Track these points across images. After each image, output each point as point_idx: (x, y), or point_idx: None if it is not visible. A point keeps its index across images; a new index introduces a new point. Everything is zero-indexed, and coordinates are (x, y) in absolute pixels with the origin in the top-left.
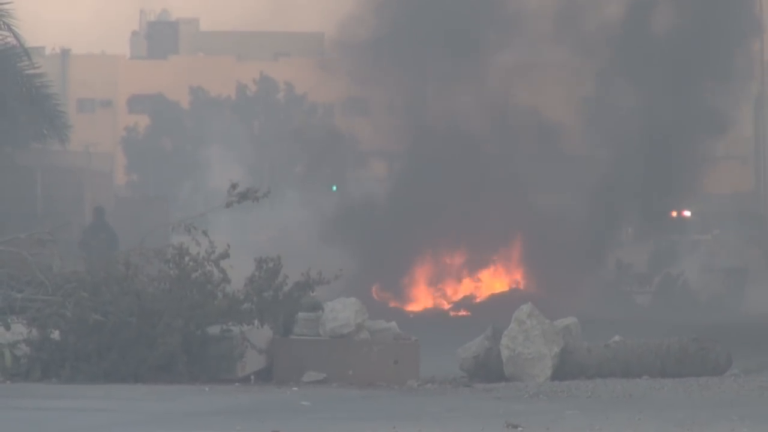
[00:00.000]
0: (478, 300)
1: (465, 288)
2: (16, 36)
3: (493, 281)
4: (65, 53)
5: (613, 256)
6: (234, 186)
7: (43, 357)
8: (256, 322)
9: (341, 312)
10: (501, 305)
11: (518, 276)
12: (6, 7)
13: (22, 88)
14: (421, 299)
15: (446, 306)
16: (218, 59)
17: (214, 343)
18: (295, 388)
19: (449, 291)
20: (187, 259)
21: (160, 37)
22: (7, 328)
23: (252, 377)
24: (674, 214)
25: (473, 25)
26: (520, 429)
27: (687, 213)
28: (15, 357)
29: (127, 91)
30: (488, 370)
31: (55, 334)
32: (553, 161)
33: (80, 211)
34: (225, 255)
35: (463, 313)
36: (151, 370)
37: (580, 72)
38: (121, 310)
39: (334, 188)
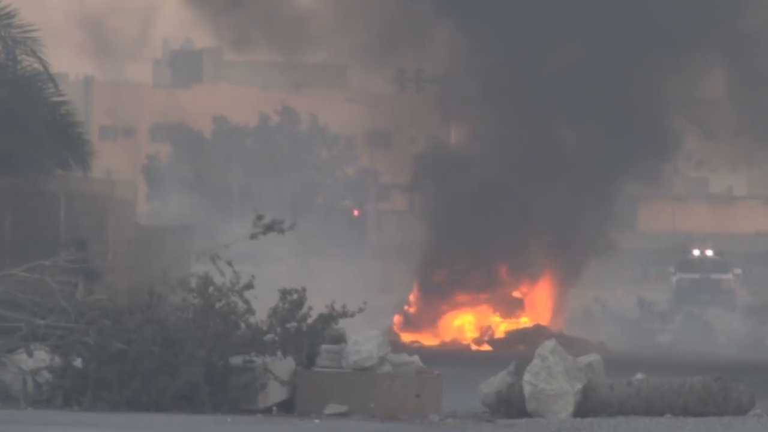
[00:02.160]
0: (500, 336)
1: (486, 322)
2: (42, 63)
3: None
4: (89, 80)
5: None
6: (259, 217)
7: (64, 384)
8: (279, 353)
9: (364, 345)
10: (523, 341)
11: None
12: (33, 34)
13: (47, 114)
14: (443, 333)
15: (468, 341)
16: (241, 89)
17: (237, 374)
18: (317, 420)
19: (471, 326)
20: (211, 288)
21: (183, 66)
22: (30, 354)
23: (274, 408)
24: (696, 252)
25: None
26: None
27: (709, 252)
28: (37, 384)
29: (150, 119)
30: (510, 406)
31: (78, 362)
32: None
33: (103, 238)
34: (249, 285)
35: (485, 348)
36: (173, 399)
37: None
38: (144, 339)
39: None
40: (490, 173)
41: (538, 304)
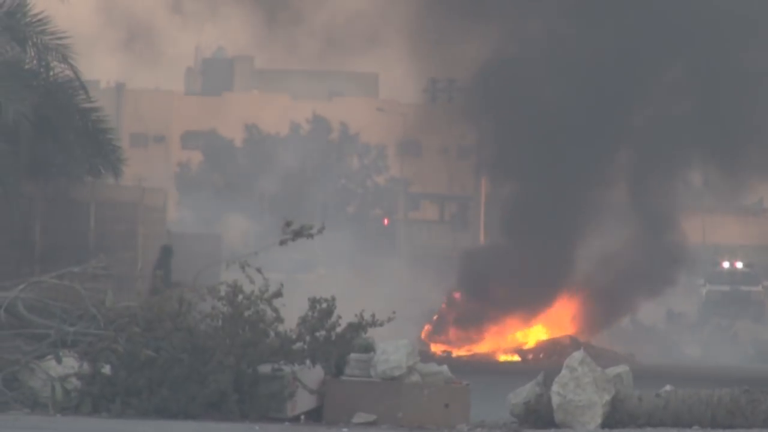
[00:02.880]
0: (529, 347)
1: (516, 333)
2: (73, 70)
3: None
4: (120, 87)
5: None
6: (288, 223)
7: (93, 391)
8: (308, 362)
9: (393, 354)
10: (552, 352)
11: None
12: (64, 41)
13: (79, 121)
14: (475, 344)
15: (499, 352)
16: (272, 97)
17: (266, 382)
18: (345, 429)
19: (500, 337)
20: (240, 296)
21: (214, 74)
22: (59, 361)
23: (302, 417)
24: (726, 264)
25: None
26: None
27: (739, 264)
28: (66, 391)
29: (181, 126)
30: (538, 417)
31: (107, 369)
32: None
33: (133, 245)
34: (278, 294)
35: (514, 358)
36: (201, 407)
37: None
38: (173, 347)
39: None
40: (526, 189)
41: (566, 315)
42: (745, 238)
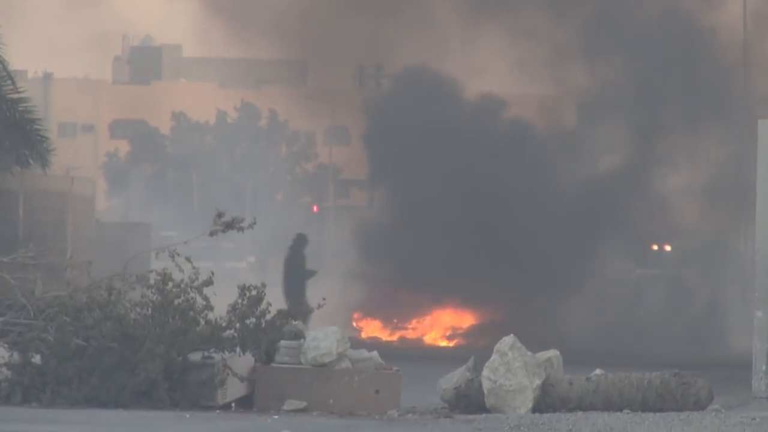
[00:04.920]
0: (459, 331)
1: (446, 319)
2: (0, 60)
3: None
4: (47, 77)
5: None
6: (219, 215)
7: (23, 381)
8: (238, 349)
9: (323, 341)
10: (483, 337)
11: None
12: None
13: (6, 112)
14: (405, 329)
15: (427, 337)
16: (200, 85)
17: (196, 370)
18: (276, 416)
19: (431, 321)
20: (169, 285)
21: (142, 63)
22: None
23: (233, 404)
24: (655, 247)
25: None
26: None
27: (668, 247)
28: None
29: (109, 115)
30: (469, 402)
31: (36, 359)
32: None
33: (62, 235)
34: (208, 282)
35: (445, 344)
36: (132, 395)
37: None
38: (102, 336)
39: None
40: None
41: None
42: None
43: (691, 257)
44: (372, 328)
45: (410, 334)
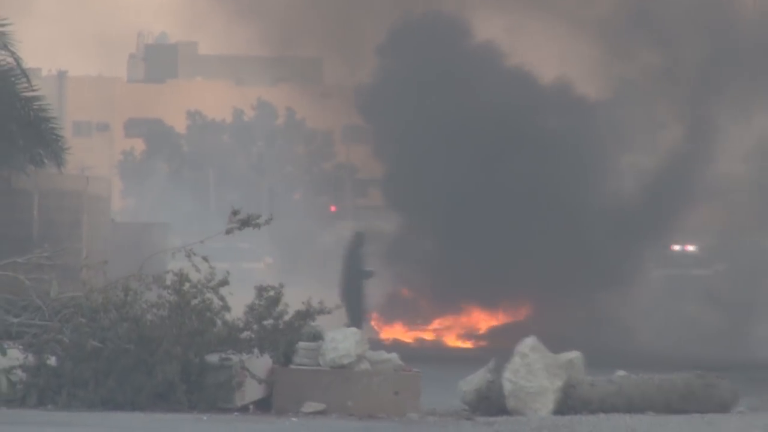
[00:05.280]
0: (481, 332)
1: (469, 320)
2: (15, 57)
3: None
4: (62, 75)
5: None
6: (235, 212)
7: (39, 383)
8: (255, 350)
9: (342, 342)
10: (504, 338)
11: (524, 308)
12: (6, 29)
13: (21, 110)
14: (425, 330)
15: (448, 338)
16: (217, 83)
17: (213, 372)
18: (295, 419)
19: (452, 322)
20: (186, 285)
21: (158, 60)
22: (3, 353)
23: (251, 407)
24: (676, 248)
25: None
26: None
27: (690, 247)
28: (11, 383)
29: (124, 114)
30: (490, 404)
31: (52, 360)
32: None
33: (77, 235)
34: (225, 282)
35: (466, 345)
36: (149, 397)
37: None
38: (119, 337)
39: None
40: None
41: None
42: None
43: (720, 256)
44: (391, 329)
45: (429, 335)
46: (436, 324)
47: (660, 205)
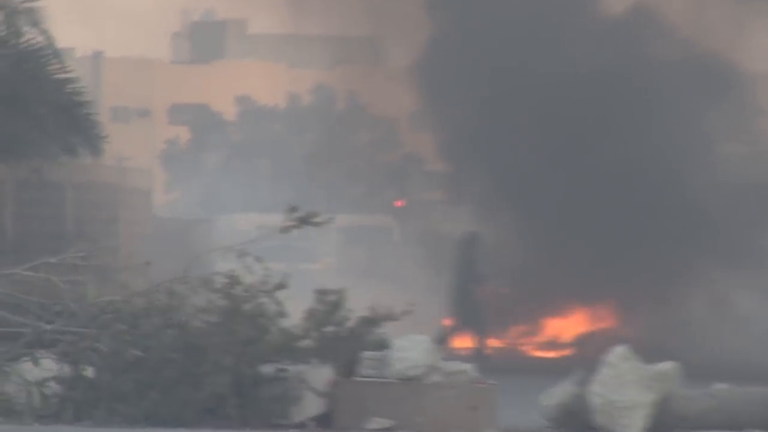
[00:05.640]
0: (563, 341)
1: (550, 327)
2: (46, 36)
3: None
4: (98, 56)
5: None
6: (292, 209)
7: (75, 396)
8: (315, 360)
9: (411, 351)
10: (590, 347)
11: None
12: (36, 4)
13: (52, 94)
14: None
15: (528, 347)
16: (269, 65)
17: (268, 384)
18: None
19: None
20: (238, 288)
21: (204, 40)
22: (36, 363)
23: (309, 422)
24: None
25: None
26: None
27: None
28: (44, 396)
29: (167, 99)
30: (575, 420)
31: (89, 371)
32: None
33: (116, 233)
34: (282, 285)
35: (547, 354)
36: (196, 412)
37: None
38: (163, 345)
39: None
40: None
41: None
42: None
43: None
44: (465, 337)
45: (507, 343)
46: (515, 331)
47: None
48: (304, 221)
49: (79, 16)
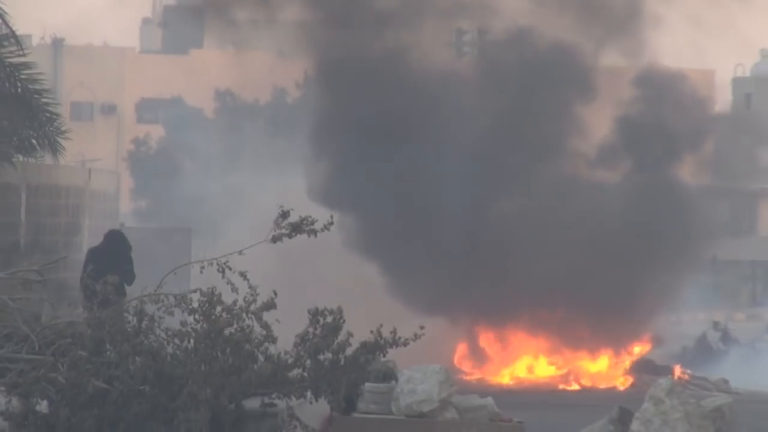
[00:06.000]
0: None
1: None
2: (1, 16)
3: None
4: (58, 44)
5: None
6: (284, 215)
7: None
8: (308, 394)
9: (421, 383)
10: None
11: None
12: None
13: (6, 81)
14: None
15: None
16: (253, 55)
17: (253, 422)
18: None
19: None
20: (219, 309)
21: (179, 26)
22: None
23: None
24: None
25: None
26: None
27: None
28: None
29: (136, 93)
30: None
31: (43, 406)
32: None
33: (76, 243)
34: (270, 305)
35: (573, 386)
36: None
37: None
38: (130, 376)
39: None
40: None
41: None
42: None
43: None
44: (484, 368)
45: (526, 374)
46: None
47: None
48: (298, 229)
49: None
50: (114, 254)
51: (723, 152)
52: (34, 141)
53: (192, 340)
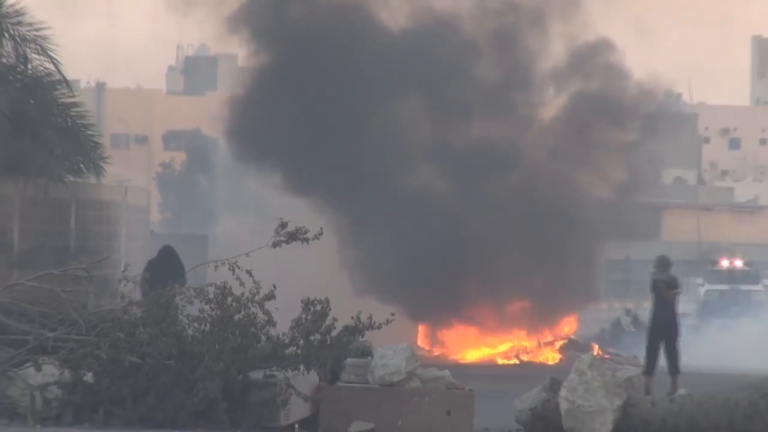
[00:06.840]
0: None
1: (515, 336)
2: (53, 62)
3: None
4: (100, 87)
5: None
6: (282, 225)
7: (75, 400)
8: (301, 367)
9: (392, 359)
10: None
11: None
12: (43, 32)
13: (58, 117)
14: (471, 347)
15: (496, 356)
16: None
17: (257, 389)
18: None
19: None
20: (229, 299)
21: (197, 72)
22: (38, 369)
23: (296, 426)
24: (725, 263)
25: None
26: None
27: (738, 263)
28: (46, 400)
29: (163, 126)
30: (546, 423)
31: (89, 377)
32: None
33: (116, 246)
34: (270, 296)
35: (514, 361)
36: (189, 416)
37: None
38: (158, 353)
39: None
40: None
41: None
42: (741, 236)
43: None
44: (446, 345)
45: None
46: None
47: None
48: (294, 237)
49: (83, 49)
50: (166, 263)
51: (634, 173)
52: (81, 165)
53: (208, 324)
